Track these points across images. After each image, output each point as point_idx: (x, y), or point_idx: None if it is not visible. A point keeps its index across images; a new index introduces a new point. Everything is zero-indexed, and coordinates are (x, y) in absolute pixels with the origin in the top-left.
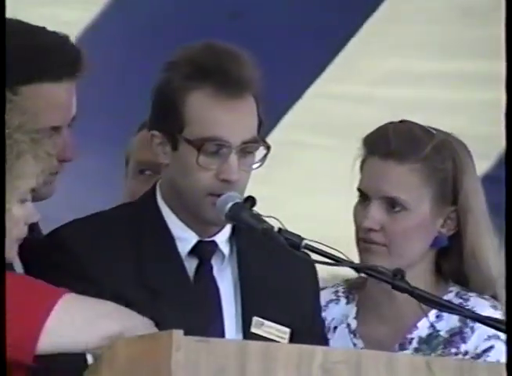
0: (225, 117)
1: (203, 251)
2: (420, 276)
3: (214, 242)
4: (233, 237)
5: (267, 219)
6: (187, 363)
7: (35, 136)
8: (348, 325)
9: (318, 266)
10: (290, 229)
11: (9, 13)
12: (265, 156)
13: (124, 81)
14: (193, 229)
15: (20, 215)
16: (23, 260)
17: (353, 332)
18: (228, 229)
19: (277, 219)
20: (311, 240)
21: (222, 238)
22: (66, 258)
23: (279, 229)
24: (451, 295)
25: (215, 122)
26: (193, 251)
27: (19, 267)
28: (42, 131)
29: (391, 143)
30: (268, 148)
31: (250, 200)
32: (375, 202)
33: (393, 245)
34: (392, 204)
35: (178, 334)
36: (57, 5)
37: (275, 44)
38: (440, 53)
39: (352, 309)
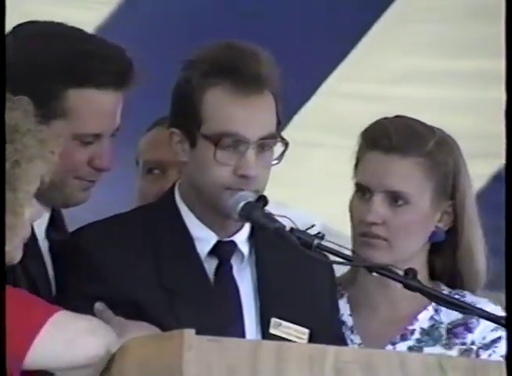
0: (242, 113)
1: (223, 251)
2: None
3: (233, 242)
4: (252, 237)
5: (279, 219)
6: (199, 363)
7: (41, 136)
8: (344, 323)
9: None
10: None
11: (21, 13)
12: (283, 152)
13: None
14: (212, 229)
15: (29, 216)
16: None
17: (350, 329)
18: (247, 229)
19: (289, 219)
20: (324, 239)
21: (241, 238)
22: (82, 260)
23: (291, 228)
24: (445, 293)
25: (232, 118)
26: (213, 252)
27: (49, 266)
28: (84, 136)
29: (393, 138)
30: (286, 144)
31: (263, 200)
32: (378, 196)
33: (394, 239)
34: (395, 198)
35: (189, 333)
36: (69, 4)
37: (287, 43)
38: (453, 52)
39: (345, 306)
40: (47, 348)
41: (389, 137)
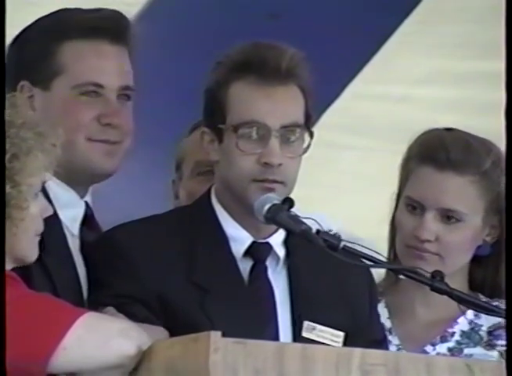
0: (263, 102)
1: (258, 251)
2: (457, 284)
3: (268, 244)
4: (288, 240)
5: (305, 220)
6: (225, 365)
7: (39, 129)
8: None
9: None
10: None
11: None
12: (309, 144)
13: (163, 82)
14: (247, 230)
15: (37, 210)
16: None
17: (389, 330)
18: (283, 231)
19: (315, 220)
20: (350, 242)
21: (277, 240)
22: (120, 260)
23: (317, 230)
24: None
25: (252, 106)
26: (248, 252)
27: (81, 264)
28: (82, 86)
29: (449, 153)
30: (311, 135)
31: (289, 202)
32: (431, 213)
33: (447, 255)
34: (448, 216)
35: (215, 335)
36: (96, 5)
37: (313, 44)
38: (478, 53)
39: (383, 311)
40: (77, 350)
41: (446, 152)
